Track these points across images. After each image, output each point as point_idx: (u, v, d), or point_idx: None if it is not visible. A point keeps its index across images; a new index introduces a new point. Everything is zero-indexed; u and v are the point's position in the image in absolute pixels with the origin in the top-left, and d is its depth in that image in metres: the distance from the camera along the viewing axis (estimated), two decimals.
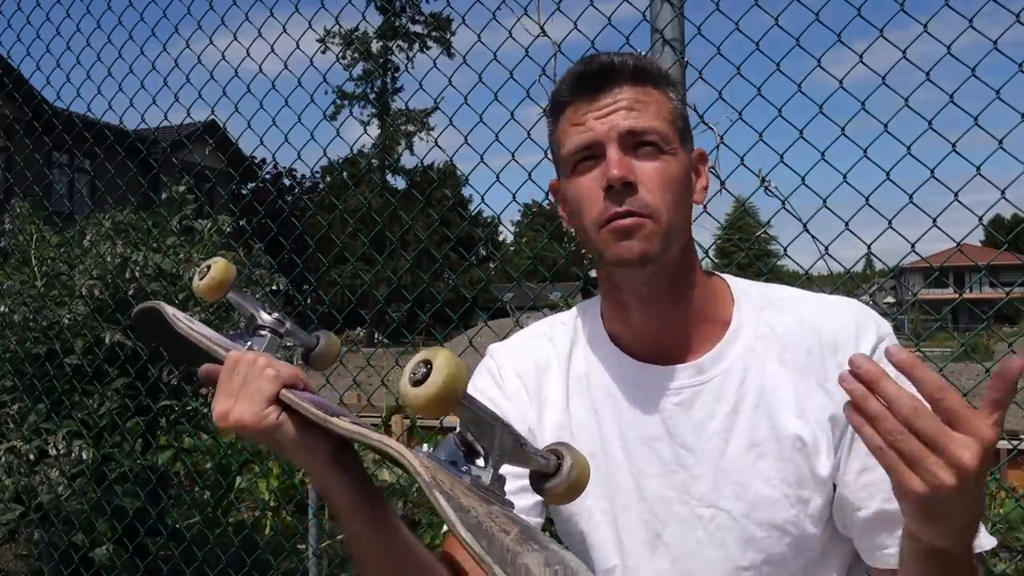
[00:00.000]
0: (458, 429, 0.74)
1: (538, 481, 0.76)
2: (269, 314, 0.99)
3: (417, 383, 0.67)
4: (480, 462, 0.74)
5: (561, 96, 1.03)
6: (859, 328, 0.99)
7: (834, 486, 0.98)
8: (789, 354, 1.00)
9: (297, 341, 1.00)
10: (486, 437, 0.73)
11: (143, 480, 3.08)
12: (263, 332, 0.98)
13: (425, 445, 0.75)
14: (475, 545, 0.60)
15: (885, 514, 0.94)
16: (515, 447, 0.74)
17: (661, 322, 1.03)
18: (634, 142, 0.97)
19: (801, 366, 0.99)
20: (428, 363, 0.68)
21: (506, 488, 0.76)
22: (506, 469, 0.74)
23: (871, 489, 0.95)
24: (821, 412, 0.97)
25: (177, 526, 3.19)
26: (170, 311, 0.98)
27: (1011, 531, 3.45)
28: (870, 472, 0.94)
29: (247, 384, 0.83)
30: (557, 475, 0.74)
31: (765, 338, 1.02)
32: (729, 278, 1.09)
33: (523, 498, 0.98)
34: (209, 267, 0.99)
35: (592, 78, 1.00)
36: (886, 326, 1.00)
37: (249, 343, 0.97)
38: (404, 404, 0.69)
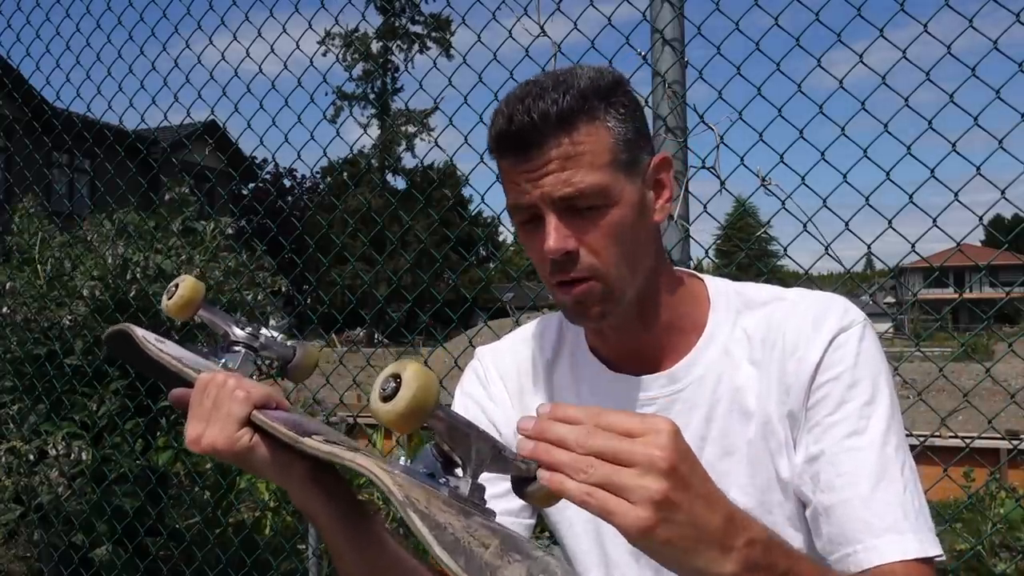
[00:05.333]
0: (435, 439, 0.73)
1: (519, 486, 0.74)
2: (242, 329, 0.98)
3: (387, 398, 0.66)
4: (459, 472, 0.73)
5: (491, 144, 0.96)
6: (819, 322, 0.96)
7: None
8: (758, 354, 0.98)
9: (273, 354, 0.99)
10: (462, 447, 0.72)
11: (143, 480, 3.08)
12: (237, 348, 0.97)
13: (403, 457, 0.74)
14: (452, 564, 0.59)
15: (820, 505, 0.91)
16: (493, 454, 0.73)
17: (633, 338, 1.02)
18: (570, 205, 0.91)
19: (767, 366, 0.97)
20: (397, 377, 0.66)
21: (494, 490, 0.75)
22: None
23: (813, 480, 0.92)
24: (781, 409, 0.96)
25: (177, 526, 3.19)
26: (139, 333, 0.96)
27: (1011, 531, 3.45)
28: (815, 461, 0.92)
29: (217, 407, 0.82)
30: (537, 479, 0.72)
31: (739, 341, 1.00)
32: (707, 279, 1.06)
33: (512, 500, 0.98)
34: (177, 285, 0.98)
35: (515, 139, 0.91)
36: (853, 317, 0.96)
37: (223, 360, 0.96)
38: (376, 419, 0.67)
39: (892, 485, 0.89)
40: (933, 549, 0.87)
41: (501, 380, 1.10)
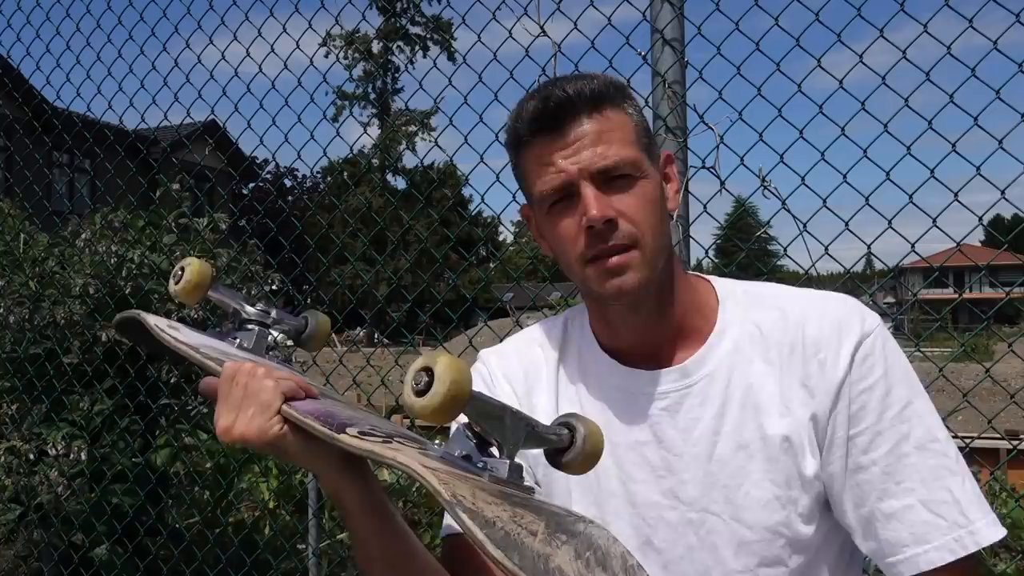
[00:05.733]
0: (466, 420, 0.73)
1: (555, 456, 0.76)
2: (253, 306, 0.98)
3: (420, 393, 0.66)
4: (494, 450, 0.74)
5: (521, 133, 1.00)
6: (841, 328, 0.98)
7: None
8: (774, 352, 1.00)
9: (286, 327, 0.99)
10: (496, 429, 0.72)
11: (142, 480, 3.08)
12: (250, 326, 0.97)
13: (437, 440, 0.75)
14: (507, 563, 0.60)
15: (879, 512, 0.94)
16: (527, 432, 0.73)
17: (646, 330, 1.03)
18: (607, 177, 0.95)
19: (785, 363, 0.99)
20: (429, 370, 0.66)
21: None
22: None
23: (864, 488, 0.95)
24: (803, 410, 0.97)
25: (177, 526, 3.19)
26: (152, 321, 0.95)
27: (1012, 531, 3.45)
28: (864, 471, 0.95)
29: (248, 397, 0.82)
30: (572, 448, 0.74)
31: (751, 336, 1.01)
32: (714, 279, 1.09)
33: None
34: (183, 269, 0.97)
35: (551, 116, 0.96)
36: (872, 321, 0.99)
37: (238, 340, 0.96)
38: (410, 415, 0.67)
39: (948, 480, 0.93)
40: (999, 532, 0.92)
41: (508, 382, 1.11)
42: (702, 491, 0.99)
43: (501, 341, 1.22)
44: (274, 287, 3.41)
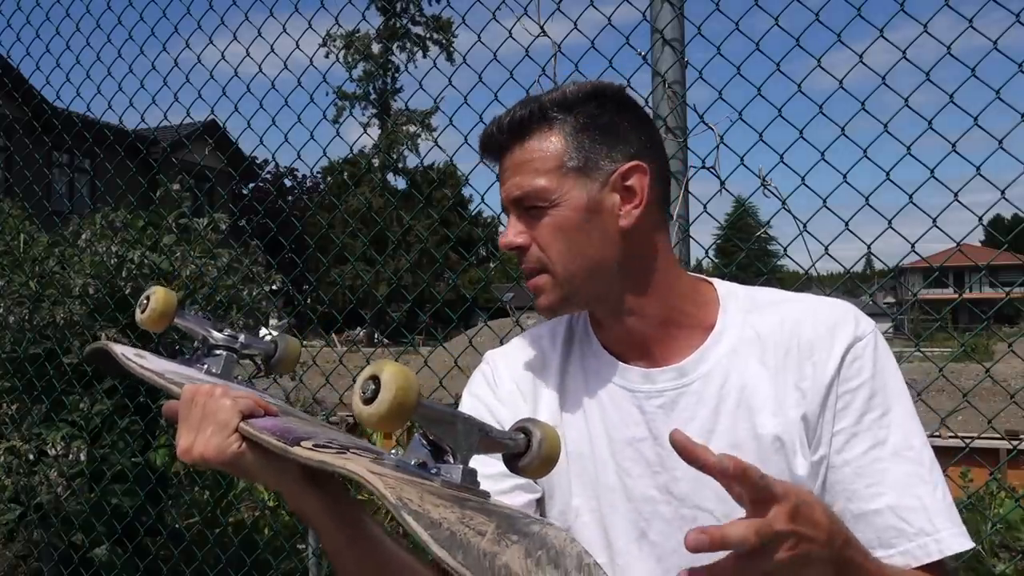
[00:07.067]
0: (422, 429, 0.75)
1: (511, 461, 0.77)
2: (220, 331, 0.99)
3: (368, 401, 0.67)
4: (449, 458, 0.75)
5: None
6: (834, 329, 1.00)
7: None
8: (770, 355, 1.02)
9: (255, 351, 1.00)
10: (449, 435, 0.74)
11: (142, 480, 3.08)
12: (218, 352, 0.98)
13: (394, 450, 0.75)
14: (451, 561, 0.61)
15: (848, 512, 0.96)
16: (480, 436, 0.75)
17: (634, 332, 1.06)
18: (523, 205, 1.02)
19: (780, 366, 1.01)
20: (376, 379, 0.67)
21: (494, 489, 0.76)
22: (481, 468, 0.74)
23: (835, 487, 0.98)
24: (796, 411, 0.99)
25: (177, 526, 3.19)
26: (118, 350, 0.96)
27: (1011, 531, 3.45)
28: (836, 471, 0.98)
29: (205, 417, 0.83)
30: (528, 452, 0.76)
31: (749, 340, 1.04)
32: (717, 282, 1.11)
33: (500, 481, 1.01)
34: (148, 298, 0.98)
35: (486, 148, 1.07)
36: (866, 325, 1.01)
37: (206, 365, 0.97)
38: (359, 423, 0.69)
39: (919, 488, 0.95)
40: (965, 544, 0.94)
41: (513, 381, 1.14)
42: (694, 488, 1.01)
43: (501, 341, 1.24)
44: (274, 287, 3.41)
